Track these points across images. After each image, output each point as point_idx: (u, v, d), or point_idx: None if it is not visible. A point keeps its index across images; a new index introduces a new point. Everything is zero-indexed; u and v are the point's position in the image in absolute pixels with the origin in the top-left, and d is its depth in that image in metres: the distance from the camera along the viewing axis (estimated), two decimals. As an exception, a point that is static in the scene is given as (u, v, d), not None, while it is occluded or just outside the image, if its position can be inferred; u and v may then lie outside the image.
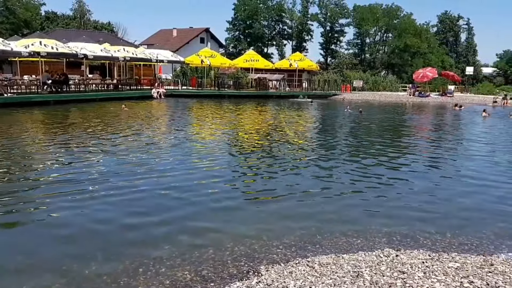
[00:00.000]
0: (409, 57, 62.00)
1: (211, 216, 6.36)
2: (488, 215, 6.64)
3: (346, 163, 10.23)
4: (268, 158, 10.57)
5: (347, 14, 66.67)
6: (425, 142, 14.83)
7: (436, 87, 50.30)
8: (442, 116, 26.92)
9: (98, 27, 58.36)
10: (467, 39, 75.71)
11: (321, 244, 5.36)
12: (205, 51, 41.05)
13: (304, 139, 14.18)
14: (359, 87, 48.00)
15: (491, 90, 54.38)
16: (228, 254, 5.02)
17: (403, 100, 40.66)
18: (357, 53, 67.44)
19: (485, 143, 14.39)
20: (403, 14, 65.36)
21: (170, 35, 58.68)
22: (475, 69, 66.08)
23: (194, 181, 8.19)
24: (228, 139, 14.11)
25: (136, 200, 6.96)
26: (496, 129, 19.48)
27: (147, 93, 31.81)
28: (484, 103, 36.45)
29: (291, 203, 7.00)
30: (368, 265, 4.46)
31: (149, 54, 34.59)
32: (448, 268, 4.34)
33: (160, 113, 22.96)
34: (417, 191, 7.89)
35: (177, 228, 5.84)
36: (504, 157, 11.80)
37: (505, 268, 4.38)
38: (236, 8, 67.17)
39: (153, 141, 12.89)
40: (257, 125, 18.25)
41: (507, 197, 7.66)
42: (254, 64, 42.03)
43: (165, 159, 10.14)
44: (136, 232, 5.68)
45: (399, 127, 19.23)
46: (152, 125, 16.94)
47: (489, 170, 9.90)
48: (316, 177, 8.73)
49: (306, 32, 69.21)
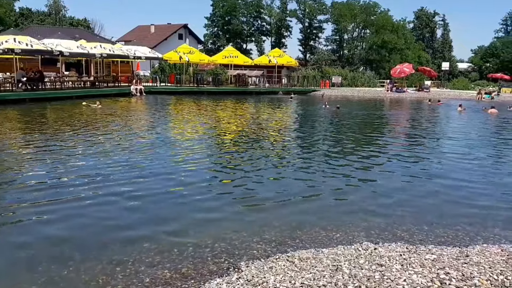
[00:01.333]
0: (386, 53, 62.64)
1: (191, 213, 6.33)
2: (463, 207, 6.78)
3: (324, 159, 10.30)
4: (247, 156, 10.57)
5: (325, 10, 66.98)
6: (401, 138, 15.04)
7: (413, 83, 51.04)
8: (418, 111, 27.32)
9: (74, 24, 57.29)
10: (442, 35, 76.94)
11: (301, 239, 5.40)
12: (183, 47, 40.76)
13: (282, 136, 14.23)
14: (338, 83, 48.34)
15: (466, 85, 55.50)
16: (208, 251, 5.01)
17: (381, 95, 41.13)
18: (336, 49, 67.84)
19: (460, 138, 14.66)
20: (380, 10, 66.02)
21: (147, 32, 58.06)
22: (451, 64, 67.20)
23: (172, 179, 8.14)
24: (207, 136, 14.05)
25: (113, 199, 6.87)
26: (471, 123, 19.89)
27: (125, 90, 31.43)
28: (460, 97, 37.20)
29: (271, 199, 7.01)
30: (347, 259, 4.50)
31: (127, 50, 34.15)
32: (425, 260, 4.42)
33: (139, 111, 22.75)
34: (394, 186, 8.00)
35: (156, 226, 5.80)
36: (478, 152, 12.06)
37: (480, 259, 4.48)
38: (214, 4, 66.78)
39: (130, 139, 12.75)
40: (237, 122, 18.23)
41: (481, 190, 7.82)
42: (233, 61, 41.93)
43: (142, 157, 10.04)
44: (114, 231, 5.62)
45: (375, 123, 19.44)
46: (130, 123, 16.75)
47: (463, 164, 10.09)
48: (295, 174, 8.77)
49: (285, 28, 69.30)
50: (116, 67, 37.72)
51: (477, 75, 68.99)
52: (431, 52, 72.65)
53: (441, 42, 75.96)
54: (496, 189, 7.88)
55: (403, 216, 6.30)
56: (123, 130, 14.50)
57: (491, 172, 9.29)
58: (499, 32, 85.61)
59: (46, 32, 36.53)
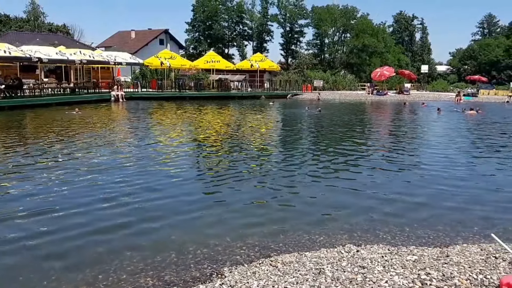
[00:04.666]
0: (367, 56, 63.38)
1: (173, 219, 6.28)
2: (443, 208, 6.88)
3: (306, 163, 10.34)
4: (229, 161, 10.56)
5: (306, 15, 67.47)
6: (382, 141, 15.19)
7: (393, 86, 51.77)
8: (399, 114, 27.67)
9: (53, 30, 56.54)
10: (421, 38, 78.26)
11: (284, 243, 5.41)
12: (164, 52, 40.58)
13: (264, 141, 14.26)
14: (320, 87, 48.70)
15: (446, 87, 56.51)
16: (191, 257, 4.98)
17: (362, 98, 41.55)
18: (317, 53, 68.34)
19: (439, 140, 14.89)
20: (360, 14, 66.84)
21: (128, 37, 57.66)
22: (430, 67, 68.35)
23: (153, 185, 8.07)
24: (189, 142, 13.99)
25: (93, 207, 6.78)
26: (450, 125, 20.22)
27: (105, 96, 31.14)
28: (439, 99, 37.80)
29: (254, 204, 7.02)
30: (329, 262, 4.53)
31: (107, 56, 33.85)
32: (406, 261, 4.47)
33: (119, 117, 22.54)
34: (376, 188, 8.07)
35: (138, 233, 5.74)
36: (457, 153, 12.28)
37: (460, 258, 4.54)
38: (195, 10, 66.72)
39: (112, 145, 12.63)
40: (219, 126, 18.20)
41: (461, 191, 7.94)
42: (215, 65, 41.89)
43: (124, 163, 9.95)
44: (96, 239, 5.54)
45: (357, 126, 19.61)
46: (111, 129, 16.59)
47: (442, 166, 10.23)
48: (277, 178, 8.78)
49: (266, 33, 69.57)
50: (97, 73, 37.34)
51: (455, 77, 70.36)
52: (411, 55, 73.81)
53: (420, 45, 77.24)
54: (475, 190, 8.02)
55: (385, 218, 6.36)
56: (104, 136, 14.33)
57: (469, 173, 9.45)
58: (476, 35, 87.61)
59: (25, 38, 36.00)
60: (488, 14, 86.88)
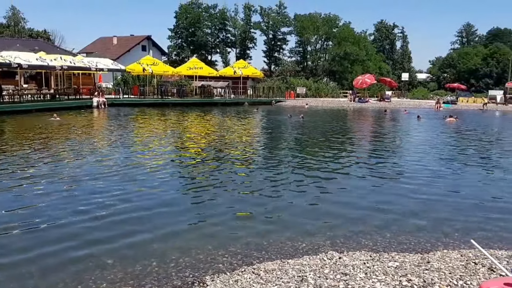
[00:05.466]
0: (349, 64, 63.99)
1: (155, 228, 6.20)
2: (425, 215, 6.94)
3: (289, 171, 10.34)
4: (212, 168, 10.52)
5: (289, 22, 67.91)
6: (363, 146, 15.34)
7: (375, 93, 52.39)
8: (380, 121, 27.98)
9: (33, 35, 55.68)
10: (402, 46, 79.44)
11: (267, 251, 5.38)
12: (147, 59, 40.38)
13: (247, 148, 14.24)
14: (303, 94, 48.99)
15: (426, 95, 57.42)
16: (172, 266, 4.92)
17: (344, 105, 41.91)
18: (300, 61, 68.78)
19: (419, 148, 15.08)
20: (342, 23, 67.55)
21: (110, 43, 57.18)
22: (410, 75, 69.37)
23: (135, 192, 7.99)
24: (171, 149, 13.89)
25: (74, 215, 6.67)
26: (430, 132, 20.52)
27: (87, 102, 30.75)
28: (419, 106, 38.36)
29: (236, 211, 6.98)
30: (312, 269, 4.52)
31: (88, 62, 33.48)
32: (388, 268, 4.49)
33: (100, 124, 22.28)
34: (358, 196, 8.12)
35: (119, 242, 5.65)
36: (437, 161, 12.45)
37: (440, 264, 4.59)
38: (177, 16, 66.61)
39: (91, 153, 12.46)
40: (202, 133, 18.13)
41: (441, 198, 8.04)
42: (198, 72, 41.81)
43: (103, 171, 9.81)
44: (75, 248, 5.44)
45: (339, 133, 19.74)
46: (91, 136, 16.39)
47: (423, 173, 10.37)
48: (260, 185, 8.77)
49: (249, 40, 69.79)
50: (78, 79, 36.87)
51: (435, 85, 71.52)
52: (391, 63, 74.81)
53: (400, 54, 78.37)
54: (455, 197, 8.12)
55: (367, 224, 6.39)
56: (83, 144, 14.14)
57: (449, 181, 9.57)
58: (455, 43, 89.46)
59: (4, 44, 35.33)
60: (466, 23, 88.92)
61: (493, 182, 9.51)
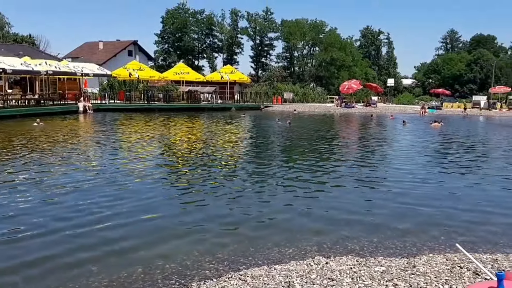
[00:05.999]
0: (335, 70, 64.47)
1: (140, 234, 6.14)
2: (411, 219, 6.98)
3: (276, 176, 10.34)
4: (198, 174, 10.47)
5: (276, 28, 68.26)
6: (350, 153, 15.39)
7: (361, 98, 52.83)
8: (366, 126, 28.17)
9: (18, 40, 55.05)
10: (387, 52, 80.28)
11: (254, 256, 5.35)
12: (133, 64, 40.17)
13: (234, 154, 14.23)
14: (290, 99, 49.17)
15: (411, 100, 58.05)
16: (158, 272, 4.87)
17: (331, 111, 42.13)
18: (287, 66, 69.10)
19: (405, 152, 15.21)
20: (328, 28, 68.07)
21: (96, 48, 56.80)
22: (396, 80, 70.11)
23: (120, 199, 7.90)
24: (157, 155, 13.81)
25: (58, 222, 6.57)
26: (415, 137, 20.72)
27: (72, 107, 30.49)
28: (405, 112, 38.74)
29: (223, 217, 6.95)
30: (299, 275, 4.51)
31: (74, 67, 33.23)
32: (374, 272, 4.50)
33: (86, 129, 22.07)
34: (344, 200, 8.14)
35: (104, 248, 5.58)
36: (423, 165, 12.56)
37: (426, 269, 4.61)
38: (164, 21, 66.50)
39: (75, 159, 12.32)
40: (188, 139, 18.06)
41: (427, 202, 8.09)
42: (184, 77, 41.69)
43: (88, 176, 9.71)
44: (60, 254, 5.35)
45: (326, 138, 19.82)
46: (75, 142, 16.21)
47: (409, 177, 10.44)
48: (247, 191, 8.75)
49: (236, 45, 69.94)
50: (63, 84, 36.52)
51: (420, 91, 72.37)
52: (377, 69, 75.53)
53: (386, 59, 79.18)
54: (440, 201, 8.17)
55: (354, 229, 6.40)
56: (67, 149, 13.98)
57: (434, 185, 9.63)
58: (440, 49, 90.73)
59: (-12, 48, 34.94)
60: (450, 30, 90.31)
61: (477, 186, 9.61)
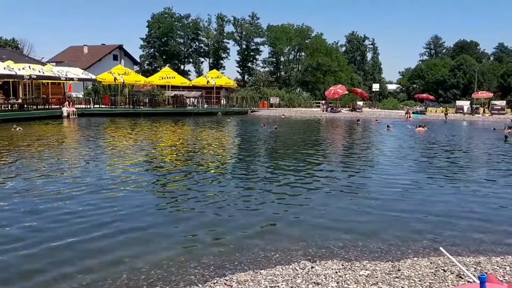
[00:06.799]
0: (321, 75, 64.89)
1: (125, 240, 6.07)
2: (395, 223, 7.02)
3: (261, 180, 10.32)
4: (184, 179, 10.40)
5: (262, 33, 68.55)
6: (335, 158, 15.47)
7: (346, 103, 53.23)
8: (352, 131, 28.37)
9: (1, 44, 54.36)
10: (372, 58, 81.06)
11: (239, 261, 5.33)
12: (118, 68, 39.96)
13: (220, 159, 14.20)
14: (276, 104, 49.32)
15: (396, 105, 58.63)
16: (143, 278, 4.82)
17: (317, 115, 42.37)
18: (273, 71, 69.38)
19: (389, 157, 15.34)
20: (314, 34, 68.55)
21: (80, 52, 56.39)
22: (381, 85, 70.83)
23: (104, 204, 7.81)
24: (141, 159, 13.69)
25: (43, 228, 6.48)
26: (400, 141, 20.92)
27: (56, 112, 30.16)
28: (390, 116, 39.11)
29: (208, 222, 6.91)
30: (284, 279, 4.50)
31: (58, 72, 32.90)
32: (359, 276, 4.51)
33: (69, 134, 21.82)
34: (330, 205, 8.15)
35: (88, 255, 5.50)
36: (407, 169, 12.68)
37: (410, 272, 4.64)
38: (150, 26, 66.30)
39: (58, 165, 12.16)
40: (174, 144, 17.97)
41: (411, 206, 8.16)
42: (170, 81, 41.60)
43: (71, 182, 9.59)
44: (44, 261, 5.27)
45: (312, 143, 19.90)
46: (59, 147, 16.01)
47: (393, 182, 10.52)
48: (232, 195, 8.72)
49: (222, 50, 70.03)
50: (47, 88, 36.12)
51: (405, 96, 73.15)
52: (363, 74, 76.18)
53: (371, 65, 79.92)
54: (425, 205, 8.22)
55: (340, 233, 6.41)
56: (48, 155, 13.81)
57: (418, 190, 9.70)
58: (424, 55, 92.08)
59: (-30, 52, 34.42)
60: (434, 36, 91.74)
61: (460, 191, 9.71)
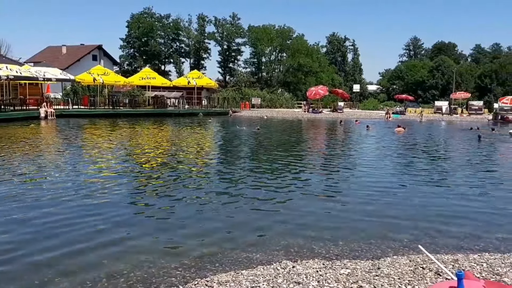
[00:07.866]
0: (302, 75, 65.24)
1: (104, 242, 5.99)
2: (375, 222, 7.09)
3: (242, 181, 10.30)
4: (165, 180, 10.32)
5: (243, 34, 68.55)
6: (316, 157, 15.57)
7: (328, 104, 53.63)
8: (333, 131, 28.58)
9: (-23, 43, 53.30)
10: (353, 59, 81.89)
11: (221, 262, 5.31)
12: (97, 68, 39.49)
13: (201, 160, 14.15)
14: (258, 105, 49.37)
15: (376, 105, 59.35)
16: (123, 281, 4.75)
17: (299, 116, 42.55)
18: (254, 72, 69.46)
19: (369, 156, 15.51)
20: (296, 35, 68.85)
21: (59, 52, 55.53)
22: (362, 86, 71.60)
23: (83, 207, 7.70)
24: (121, 161, 13.54)
25: (17, 232, 6.35)
26: (380, 141, 21.16)
27: (33, 113, 29.64)
28: (370, 117, 39.50)
29: (190, 223, 6.88)
30: (266, 279, 4.50)
31: (36, 72, 32.36)
32: (340, 275, 4.54)
33: (47, 136, 21.45)
34: (310, 204, 8.20)
35: (66, 257, 5.41)
36: (386, 169, 12.83)
37: (390, 270, 4.69)
38: (129, 26, 65.65)
39: (33, 169, 11.95)
40: (155, 145, 17.82)
41: (391, 205, 8.26)
42: (150, 82, 41.29)
43: (49, 185, 9.43)
44: (21, 263, 5.16)
45: (294, 144, 19.98)
46: (35, 150, 15.73)
47: (373, 181, 10.64)
48: (213, 196, 8.70)
49: (203, 50, 69.82)
50: (24, 89, 35.42)
51: (385, 96, 74.13)
52: (343, 75, 76.89)
53: (352, 66, 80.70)
54: (404, 206, 8.33)
55: (321, 233, 6.44)
56: (23, 159, 13.55)
57: (397, 189, 9.82)
58: (403, 56, 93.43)
59: None
60: (413, 37, 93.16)
61: (437, 189, 9.86)
